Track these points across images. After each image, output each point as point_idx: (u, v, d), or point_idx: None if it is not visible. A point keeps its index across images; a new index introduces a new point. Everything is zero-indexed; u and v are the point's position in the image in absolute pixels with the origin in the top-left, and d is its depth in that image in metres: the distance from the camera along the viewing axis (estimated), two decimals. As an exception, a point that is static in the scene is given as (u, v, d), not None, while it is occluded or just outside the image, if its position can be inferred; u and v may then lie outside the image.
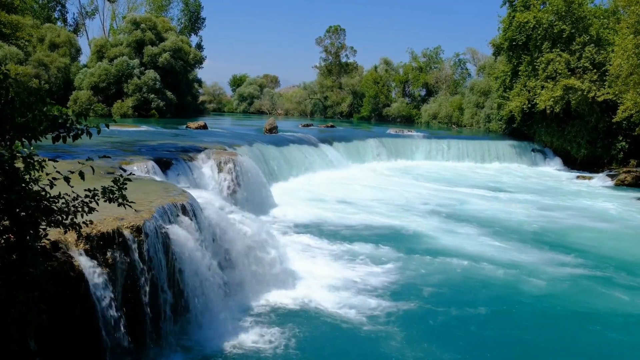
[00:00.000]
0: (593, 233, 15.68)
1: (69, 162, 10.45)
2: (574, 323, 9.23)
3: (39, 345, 4.25)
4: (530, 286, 10.71)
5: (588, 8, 31.50)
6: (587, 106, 29.82)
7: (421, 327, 8.64)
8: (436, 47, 66.32)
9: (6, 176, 4.12)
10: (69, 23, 63.28)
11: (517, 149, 33.66)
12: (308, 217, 15.63)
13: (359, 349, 7.91)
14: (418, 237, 14.17)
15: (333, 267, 11.27)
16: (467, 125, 51.06)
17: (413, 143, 33.19)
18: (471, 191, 22.22)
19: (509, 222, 16.54)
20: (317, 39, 72.31)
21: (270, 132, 29.70)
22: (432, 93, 63.02)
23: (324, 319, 8.70)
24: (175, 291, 7.55)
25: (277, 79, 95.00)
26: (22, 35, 27.32)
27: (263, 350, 7.59)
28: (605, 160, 30.84)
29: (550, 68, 30.52)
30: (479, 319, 9.18)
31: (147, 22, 50.32)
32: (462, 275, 11.27)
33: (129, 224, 6.73)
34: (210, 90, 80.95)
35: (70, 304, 5.68)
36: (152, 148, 16.26)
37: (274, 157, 21.89)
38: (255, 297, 9.28)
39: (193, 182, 13.59)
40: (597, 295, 10.48)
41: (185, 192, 9.10)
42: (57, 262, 5.61)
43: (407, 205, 18.35)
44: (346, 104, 69.63)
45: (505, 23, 33.43)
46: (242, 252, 9.47)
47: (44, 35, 48.61)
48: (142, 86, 46.63)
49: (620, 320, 9.38)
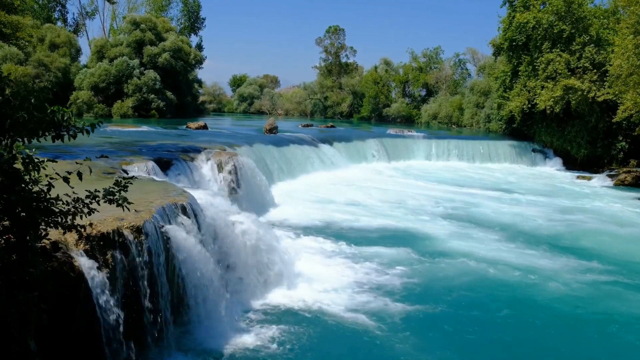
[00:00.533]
0: (603, 235, 15.51)
1: (69, 163, 10.46)
2: (593, 327, 9.03)
3: (39, 346, 4.25)
4: (547, 289, 10.50)
5: (588, 8, 31.50)
6: (587, 106, 29.81)
7: (428, 330, 8.49)
8: (436, 47, 66.38)
9: (6, 176, 4.11)
10: (69, 23, 63.30)
11: (517, 149, 33.66)
12: (308, 217, 15.62)
13: (361, 350, 7.88)
14: (420, 237, 14.13)
15: (334, 268, 11.23)
16: (467, 126, 51.05)
17: (413, 143, 33.22)
18: (473, 191, 22.21)
19: (515, 223, 16.45)
20: (317, 39, 72.40)
21: (270, 132, 29.70)
22: (432, 93, 62.99)
23: (325, 320, 8.67)
24: (176, 291, 7.55)
25: (277, 79, 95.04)
26: (22, 35, 27.32)
27: (263, 350, 7.59)
28: (605, 160, 30.82)
29: (550, 68, 30.52)
30: (494, 322, 9.01)
31: (147, 23, 50.31)
32: (471, 277, 11.08)
33: (129, 224, 6.72)
34: (211, 90, 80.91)
35: (70, 304, 5.68)
36: (152, 148, 16.26)
37: (274, 157, 21.90)
38: (255, 297, 9.28)
39: (193, 183, 13.59)
40: (614, 297, 10.30)
41: (186, 193, 9.10)
42: (57, 263, 5.60)
43: (408, 205, 18.33)
44: (346, 104, 69.63)
45: (505, 23, 33.45)
46: (242, 252, 9.47)
47: (44, 35, 48.57)
48: (142, 86, 46.59)
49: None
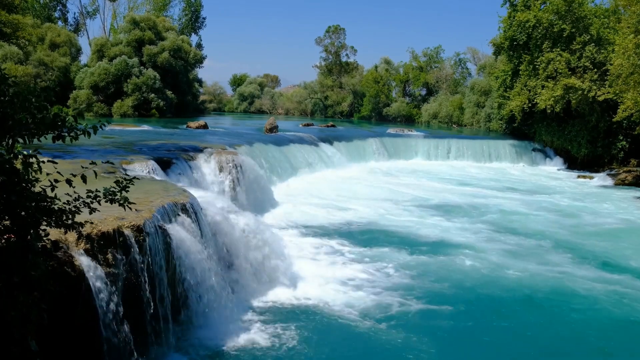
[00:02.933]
0: (602, 235, 15.41)
1: (69, 162, 10.47)
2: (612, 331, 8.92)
3: (39, 346, 4.25)
4: (562, 293, 10.37)
5: (588, 7, 31.49)
6: (587, 105, 29.80)
7: (428, 329, 8.44)
8: (437, 47, 66.40)
9: (6, 176, 4.11)
10: (70, 23, 63.34)
11: (517, 148, 33.66)
12: (308, 216, 15.62)
13: (361, 349, 7.87)
14: (422, 237, 14.12)
15: (335, 266, 11.23)
16: (467, 125, 51.04)
17: (414, 142, 33.22)
18: (474, 190, 22.20)
19: (516, 222, 16.45)
20: (317, 38, 72.43)
21: (270, 131, 29.69)
22: (433, 92, 62.99)
23: (326, 319, 8.67)
24: (176, 290, 7.55)
25: (277, 78, 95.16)
26: (23, 35, 27.25)
27: (264, 349, 7.58)
28: (605, 160, 30.82)
29: (551, 67, 30.50)
30: (499, 322, 8.98)
31: (146, 22, 50.32)
32: (473, 276, 11.06)
33: (129, 223, 6.72)
34: (211, 89, 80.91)
35: (70, 303, 5.68)
36: (153, 147, 16.26)
37: (274, 156, 21.90)
38: (256, 296, 9.27)
39: (193, 182, 13.59)
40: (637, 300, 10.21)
41: (186, 192, 9.09)
42: (58, 262, 5.60)
43: (409, 204, 18.34)
44: (346, 104, 69.63)
45: (506, 22, 33.42)
46: (243, 252, 9.47)
47: (44, 34, 48.58)
48: (142, 85, 46.56)
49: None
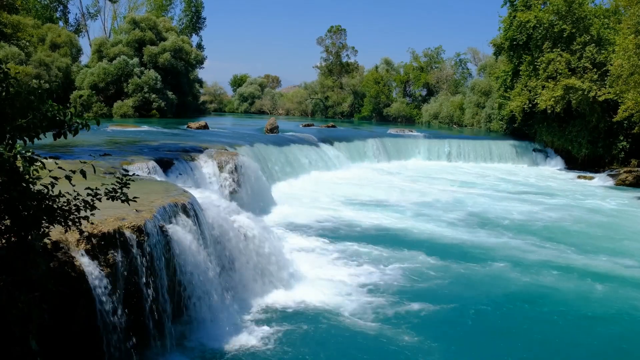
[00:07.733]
0: (603, 234, 15.46)
1: (69, 162, 10.47)
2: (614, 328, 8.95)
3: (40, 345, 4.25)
4: (573, 292, 10.38)
5: (589, 8, 31.48)
6: (587, 106, 29.78)
7: (429, 330, 8.43)
8: (437, 47, 66.34)
9: (7, 175, 4.11)
10: (71, 23, 63.33)
11: (518, 148, 33.66)
12: (309, 217, 15.61)
13: (361, 350, 7.84)
14: (422, 237, 14.11)
15: (335, 267, 11.22)
16: (468, 125, 51.01)
17: (414, 143, 33.20)
18: (475, 190, 22.18)
19: (518, 221, 16.47)
20: (317, 38, 72.53)
21: (271, 132, 29.69)
22: (433, 93, 62.97)
23: (325, 320, 8.66)
24: (176, 291, 7.55)
25: (278, 78, 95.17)
26: (23, 35, 27.30)
27: (264, 350, 7.58)
28: (606, 160, 30.79)
29: (551, 68, 30.49)
30: (500, 321, 8.95)
31: (146, 22, 50.29)
32: (476, 277, 11.01)
33: (130, 223, 6.72)
34: (211, 90, 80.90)
35: (71, 304, 5.68)
36: (153, 148, 16.27)
37: (274, 157, 21.90)
38: (256, 297, 9.26)
39: (194, 182, 13.59)
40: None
41: (186, 192, 9.09)
42: (58, 262, 5.60)
43: (409, 205, 18.32)
44: (347, 104, 69.65)
45: (506, 23, 33.43)
46: (243, 253, 9.46)
47: (45, 35, 48.60)
48: (143, 86, 46.52)
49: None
